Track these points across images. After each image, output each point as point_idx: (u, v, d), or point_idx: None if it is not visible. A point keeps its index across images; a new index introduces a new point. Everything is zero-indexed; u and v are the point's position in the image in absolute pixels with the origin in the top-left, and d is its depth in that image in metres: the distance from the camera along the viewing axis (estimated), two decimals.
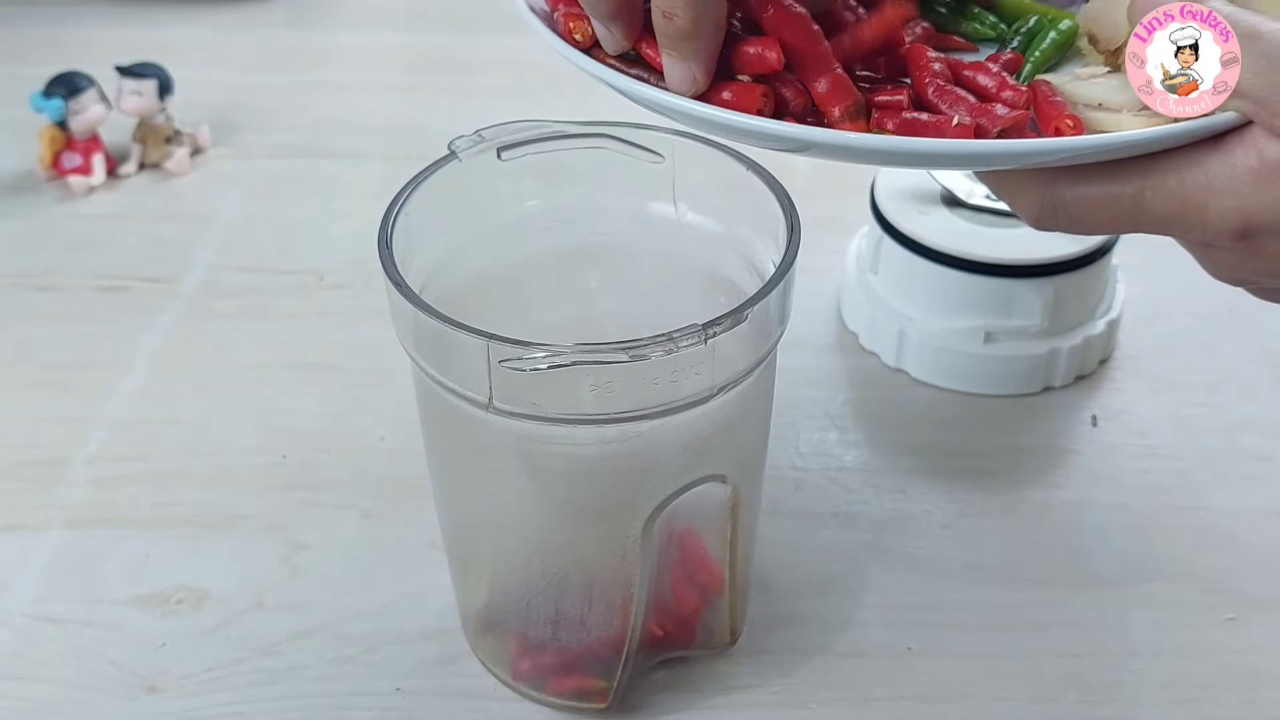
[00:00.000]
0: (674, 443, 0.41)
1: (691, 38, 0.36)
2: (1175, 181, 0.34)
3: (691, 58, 0.37)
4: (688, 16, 0.36)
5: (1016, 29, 0.40)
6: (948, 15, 0.41)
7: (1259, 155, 0.33)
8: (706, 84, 0.37)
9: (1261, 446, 0.59)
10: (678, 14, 0.36)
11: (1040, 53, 0.39)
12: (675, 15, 0.36)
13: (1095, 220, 0.36)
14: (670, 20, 0.36)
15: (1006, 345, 0.61)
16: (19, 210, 0.75)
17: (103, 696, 0.48)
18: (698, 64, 0.37)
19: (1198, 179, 0.34)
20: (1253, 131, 0.33)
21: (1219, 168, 0.33)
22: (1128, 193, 0.35)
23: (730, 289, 0.46)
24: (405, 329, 0.41)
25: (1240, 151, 0.33)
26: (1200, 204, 0.34)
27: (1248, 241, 0.34)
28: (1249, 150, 0.33)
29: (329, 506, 0.55)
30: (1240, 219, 0.33)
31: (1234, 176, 0.33)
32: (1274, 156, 0.33)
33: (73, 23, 0.94)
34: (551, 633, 0.46)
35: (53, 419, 0.60)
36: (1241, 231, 0.34)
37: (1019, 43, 0.40)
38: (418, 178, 0.44)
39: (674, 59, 0.37)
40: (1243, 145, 0.33)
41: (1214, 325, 0.65)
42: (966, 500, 0.56)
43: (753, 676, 0.49)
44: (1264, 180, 0.33)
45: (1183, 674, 0.49)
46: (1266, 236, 0.34)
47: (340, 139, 0.81)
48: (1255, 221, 0.33)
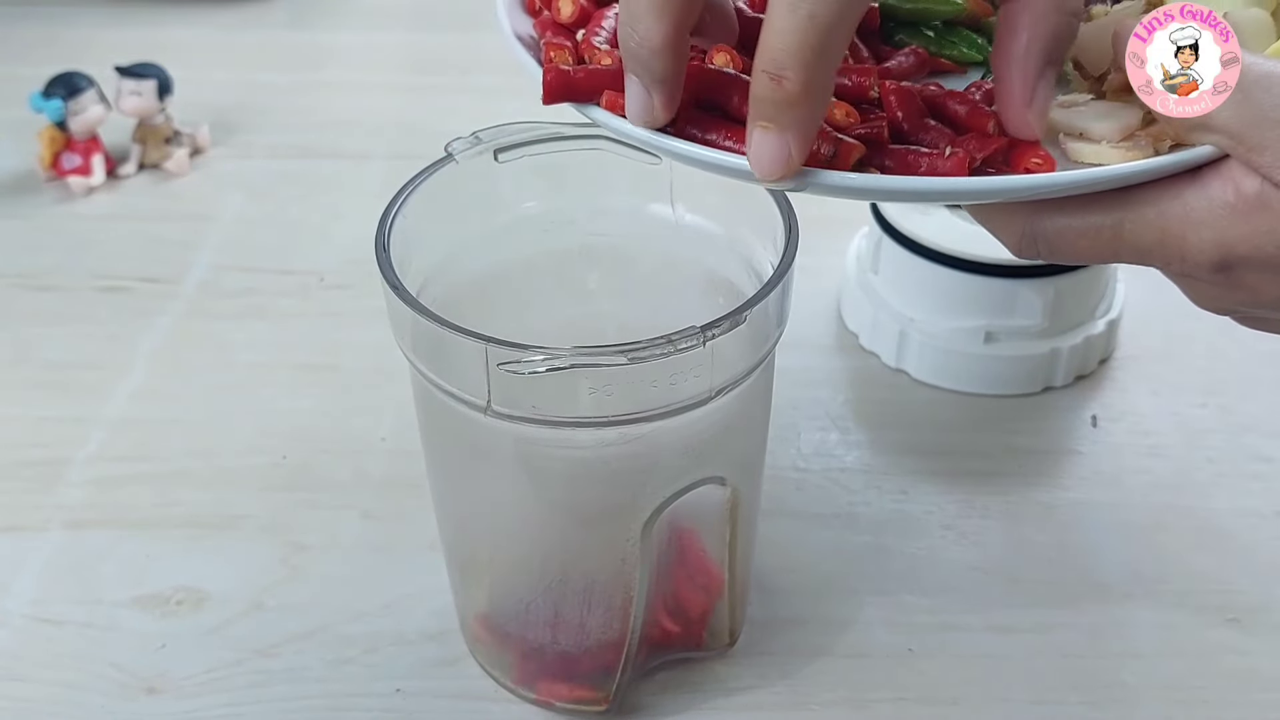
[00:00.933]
0: (673, 445, 0.41)
1: (800, 103, 0.31)
2: (1154, 214, 0.34)
3: (792, 128, 0.32)
4: (798, 80, 0.31)
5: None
6: (936, 38, 0.41)
7: (1235, 189, 0.33)
8: (801, 161, 0.32)
9: (1262, 447, 0.59)
10: (787, 75, 0.31)
11: None
12: (785, 77, 0.31)
13: (1075, 250, 0.36)
14: (779, 84, 0.31)
15: (1007, 345, 0.61)
16: (19, 210, 0.75)
17: (102, 697, 0.48)
18: (796, 136, 0.32)
19: (1175, 212, 0.34)
20: (1229, 165, 0.34)
21: (1196, 201, 0.34)
22: (1107, 224, 0.35)
23: (729, 290, 0.46)
24: (403, 332, 0.41)
25: (1217, 185, 0.33)
26: (1178, 236, 0.34)
27: (1226, 274, 0.34)
28: (1225, 184, 0.33)
29: (329, 507, 0.55)
30: (1217, 251, 0.34)
31: (1211, 210, 0.33)
32: (1250, 190, 0.33)
33: (72, 23, 0.94)
34: (551, 635, 0.46)
35: (53, 419, 0.60)
36: (1219, 264, 0.34)
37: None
38: (414, 180, 0.44)
39: (769, 131, 0.32)
40: (1219, 179, 0.33)
41: (1214, 325, 0.64)
42: (968, 501, 0.56)
43: (753, 677, 0.49)
44: (1240, 214, 0.33)
45: (1183, 675, 0.49)
46: (1244, 269, 0.34)
47: (340, 139, 0.81)
48: (1233, 254, 0.34)
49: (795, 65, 0.31)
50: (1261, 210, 0.33)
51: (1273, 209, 0.33)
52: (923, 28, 0.41)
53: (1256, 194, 0.33)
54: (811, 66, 0.31)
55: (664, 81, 0.34)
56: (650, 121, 0.35)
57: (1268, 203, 0.33)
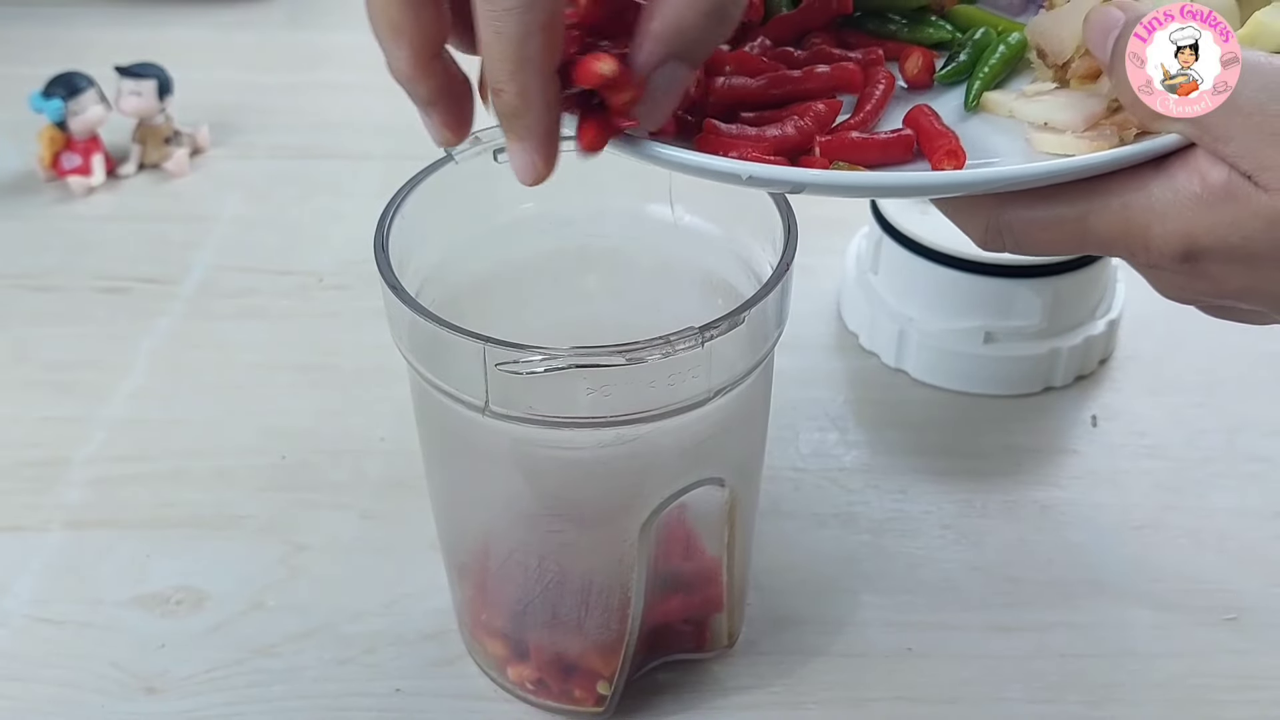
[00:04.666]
0: (671, 446, 0.41)
1: (521, 112, 0.33)
2: (1119, 204, 0.34)
3: (526, 136, 0.33)
4: (512, 91, 0.32)
5: (967, 39, 0.40)
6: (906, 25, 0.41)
7: (1201, 179, 0.33)
8: (549, 171, 0.34)
9: (1261, 446, 0.59)
10: (502, 88, 0.32)
11: (989, 68, 0.39)
12: (501, 90, 0.32)
13: (1040, 242, 0.36)
14: (499, 97, 0.33)
15: (1006, 345, 0.61)
16: (19, 211, 0.75)
17: (102, 697, 0.48)
18: (532, 144, 0.33)
19: (1140, 202, 0.34)
20: (1195, 155, 0.33)
21: (1161, 191, 0.34)
22: (1072, 215, 0.35)
23: (727, 291, 0.46)
24: (401, 332, 0.41)
25: (1183, 175, 0.33)
26: (1143, 226, 0.34)
27: (1191, 264, 0.34)
28: (1191, 174, 0.33)
29: (328, 507, 0.56)
30: (1182, 242, 0.34)
31: (1176, 200, 0.33)
32: (1216, 180, 0.33)
33: (72, 23, 0.94)
34: (549, 635, 0.46)
35: (53, 419, 0.60)
36: (1184, 254, 0.34)
37: (967, 55, 0.40)
38: (413, 181, 0.44)
39: (511, 141, 0.34)
40: (1185, 169, 0.33)
41: (1214, 325, 0.63)
42: (967, 500, 0.56)
43: (752, 678, 0.49)
44: (1205, 204, 0.33)
45: (1182, 674, 0.49)
46: (1209, 260, 0.34)
47: (340, 139, 0.81)
48: (1197, 245, 0.33)
49: (504, 78, 0.32)
50: (1226, 201, 0.33)
51: (1238, 199, 0.33)
52: (890, 19, 0.42)
53: (1223, 184, 0.33)
54: (517, 77, 0.32)
55: (431, 104, 0.35)
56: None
57: (1234, 193, 0.33)
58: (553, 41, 0.32)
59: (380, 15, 0.34)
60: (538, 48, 0.32)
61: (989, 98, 0.39)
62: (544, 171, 0.34)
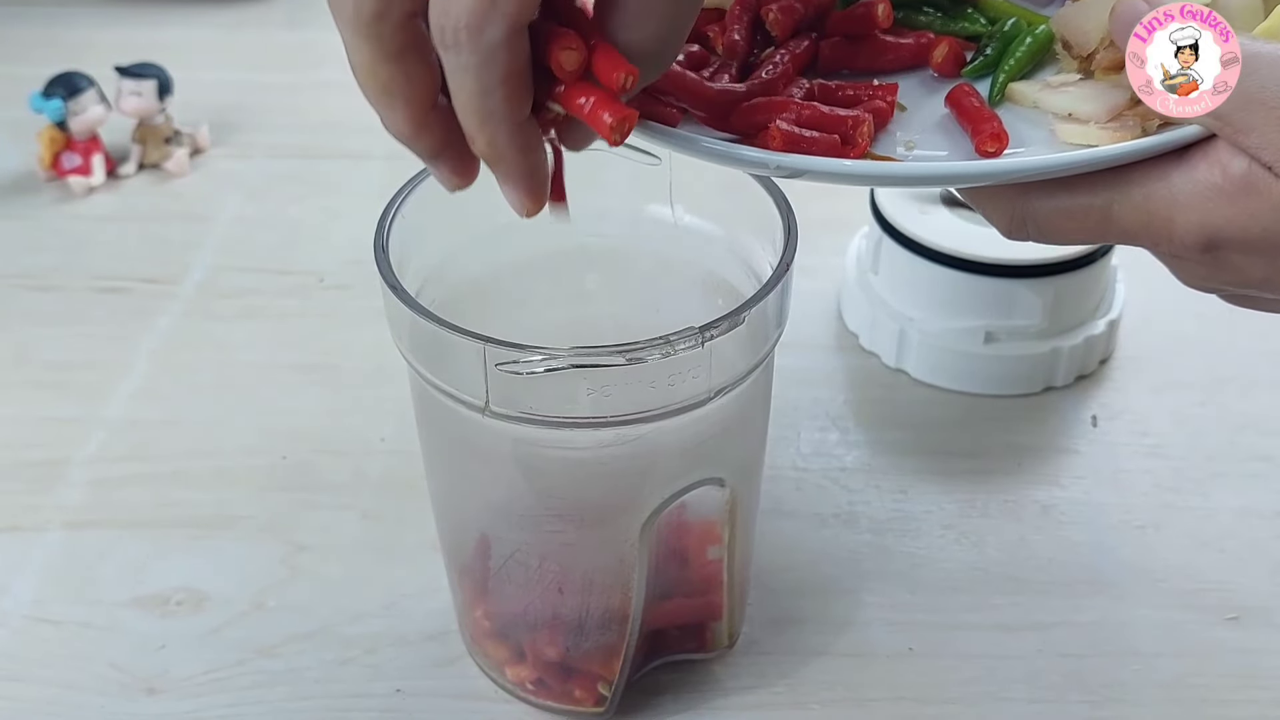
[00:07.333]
0: (671, 446, 0.41)
1: (497, 159, 0.33)
2: (1141, 195, 0.34)
3: (508, 180, 0.34)
4: (483, 140, 0.33)
5: (995, 30, 0.41)
6: (942, 17, 0.41)
7: (1222, 170, 0.33)
8: (539, 206, 0.35)
9: (1262, 446, 0.59)
10: (475, 139, 0.33)
11: (1015, 60, 0.39)
12: (474, 139, 0.33)
13: (1064, 231, 0.36)
14: (475, 145, 0.33)
15: (1007, 345, 0.61)
16: (19, 211, 0.75)
17: (101, 698, 0.48)
18: (513, 185, 0.34)
19: (1162, 193, 0.34)
20: (1216, 146, 0.34)
21: (1183, 182, 0.34)
22: (1096, 205, 0.35)
23: (728, 291, 0.46)
24: (401, 332, 0.41)
25: (1204, 166, 0.33)
26: (1165, 217, 0.34)
27: (1213, 254, 0.34)
28: (1212, 165, 0.33)
29: (329, 507, 0.55)
30: (1203, 233, 0.34)
31: (1197, 191, 0.33)
32: (1237, 172, 0.33)
33: (72, 23, 0.94)
34: (549, 635, 0.46)
35: (53, 419, 0.60)
36: (1206, 245, 0.34)
37: (994, 49, 0.40)
38: (413, 181, 0.44)
39: (498, 181, 0.34)
40: (1206, 160, 0.34)
41: (1214, 325, 0.65)
42: (968, 500, 0.56)
43: (753, 678, 0.49)
44: (1227, 195, 0.33)
45: (1183, 674, 0.49)
46: (1230, 250, 0.34)
47: (340, 139, 0.81)
48: (1219, 235, 0.34)
49: (474, 129, 0.33)
50: (1247, 192, 0.33)
51: (1259, 191, 0.33)
52: (926, 8, 0.42)
53: (1244, 175, 0.33)
54: (485, 129, 0.33)
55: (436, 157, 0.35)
56: (456, 188, 0.35)
57: (1254, 184, 0.33)
58: (516, 93, 0.32)
59: (369, 80, 0.34)
60: (499, 101, 0.32)
61: (1014, 88, 0.39)
62: (533, 208, 0.35)
